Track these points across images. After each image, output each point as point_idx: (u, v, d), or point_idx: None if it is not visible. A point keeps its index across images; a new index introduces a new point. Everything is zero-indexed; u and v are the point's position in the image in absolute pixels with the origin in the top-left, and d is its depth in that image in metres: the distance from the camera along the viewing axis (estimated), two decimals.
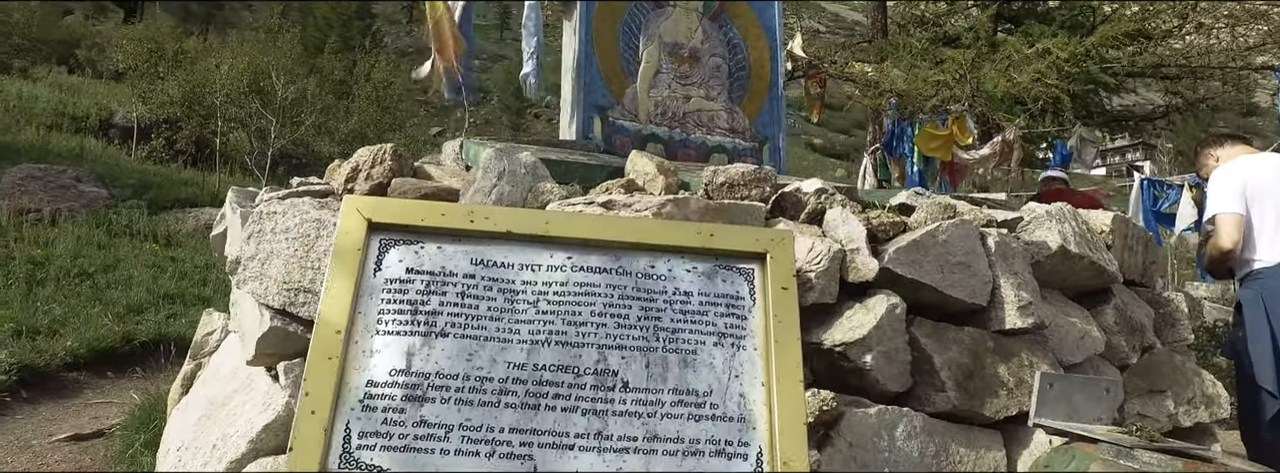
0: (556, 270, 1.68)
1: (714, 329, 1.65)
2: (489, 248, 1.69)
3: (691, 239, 1.72)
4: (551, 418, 1.54)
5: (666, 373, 1.60)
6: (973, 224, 2.91)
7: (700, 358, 1.62)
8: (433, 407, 1.53)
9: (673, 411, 1.57)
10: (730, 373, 1.61)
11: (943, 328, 2.84)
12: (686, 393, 1.58)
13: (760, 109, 4.98)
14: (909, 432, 2.58)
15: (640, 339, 1.63)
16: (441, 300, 1.63)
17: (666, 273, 1.70)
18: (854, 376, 2.60)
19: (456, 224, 1.69)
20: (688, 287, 1.69)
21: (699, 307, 1.67)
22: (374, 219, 1.67)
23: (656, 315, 1.65)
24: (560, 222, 1.71)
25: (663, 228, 1.73)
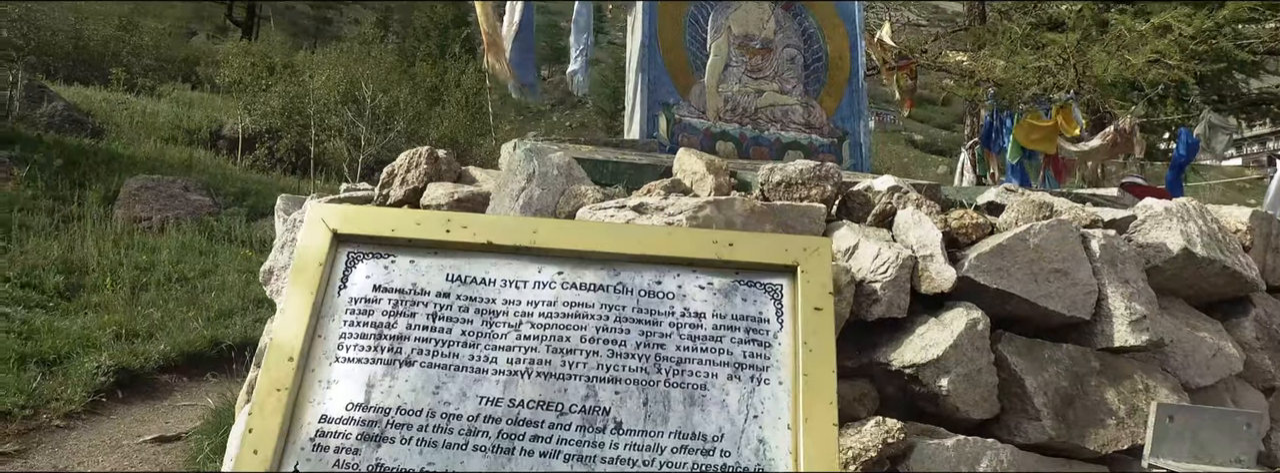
0: (544, 288, 1.42)
1: (729, 359, 1.35)
2: (469, 262, 1.45)
3: (706, 250, 1.42)
4: (528, 464, 1.28)
5: (668, 412, 1.31)
6: (1072, 225, 2.49)
7: (711, 394, 1.32)
8: (391, 447, 1.29)
9: (674, 458, 1.28)
10: (747, 413, 1.31)
11: (1037, 346, 2.44)
12: (692, 437, 1.29)
13: (839, 102, 4.59)
14: (995, 467, 2.20)
15: (638, 370, 1.34)
16: (409, 323, 1.39)
17: (675, 291, 1.42)
18: (928, 401, 2.23)
19: (431, 235, 1.45)
20: (700, 307, 1.40)
21: (712, 331, 1.38)
22: (341, 230, 1.46)
23: (660, 342, 1.37)
24: (550, 231, 1.45)
25: (670, 237, 1.44)
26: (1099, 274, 2.60)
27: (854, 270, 2.33)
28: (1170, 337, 2.66)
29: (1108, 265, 2.61)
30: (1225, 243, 3.10)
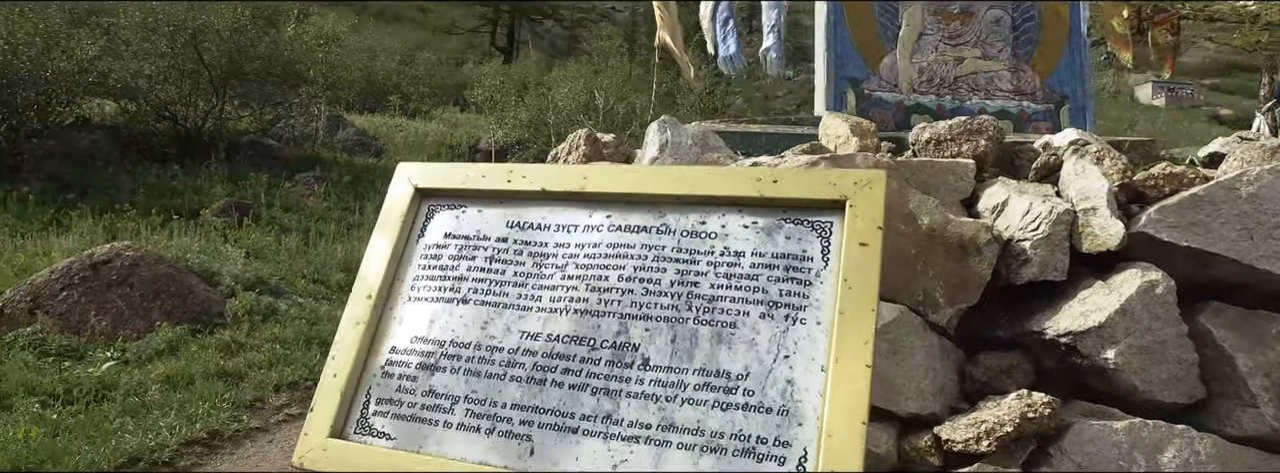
0: (593, 231, 1.46)
1: (763, 297, 1.30)
2: (527, 209, 1.53)
3: (749, 187, 1.38)
4: (557, 396, 1.32)
5: (695, 349, 1.29)
6: None
7: (739, 333, 1.28)
8: (442, 376, 1.40)
9: (696, 395, 1.25)
10: (777, 352, 1.25)
11: (1257, 318, 2.05)
12: (715, 375, 1.26)
13: (1055, 64, 4.11)
14: (1187, 459, 1.88)
15: (670, 308, 1.33)
16: (469, 266, 1.50)
17: (718, 230, 1.39)
18: (1096, 377, 1.97)
19: (495, 185, 1.55)
20: (740, 246, 1.36)
21: (749, 270, 1.33)
22: (421, 186, 1.61)
23: (694, 280, 1.35)
24: (598, 177, 1.48)
25: (712, 177, 1.41)
26: None
27: (1000, 228, 2.09)
28: None
29: None
30: None
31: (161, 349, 5.87)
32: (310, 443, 1.41)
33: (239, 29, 9.21)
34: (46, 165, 8.28)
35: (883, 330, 1.95)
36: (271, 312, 6.22)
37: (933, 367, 1.99)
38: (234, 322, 5.88)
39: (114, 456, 4.40)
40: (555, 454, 1.28)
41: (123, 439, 4.57)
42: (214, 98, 9.45)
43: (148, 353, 5.89)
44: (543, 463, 1.28)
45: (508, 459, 1.30)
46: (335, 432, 1.41)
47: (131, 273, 6.41)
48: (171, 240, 7.14)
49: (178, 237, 7.25)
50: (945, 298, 2.02)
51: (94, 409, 4.98)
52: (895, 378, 1.96)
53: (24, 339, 5.60)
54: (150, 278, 6.29)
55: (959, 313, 2.06)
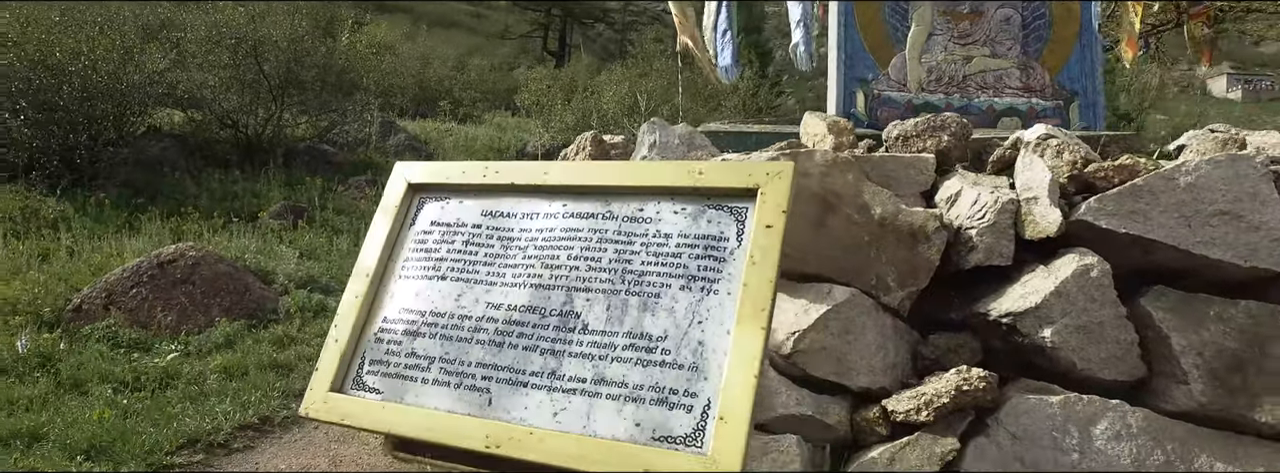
0: (551, 218, 1.73)
1: (684, 272, 1.55)
2: (499, 200, 1.81)
3: (682, 178, 1.63)
4: (512, 355, 1.59)
5: (624, 316, 1.54)
6: (1253, 160, 2.21)
7: (662, 302, 1.53)
8: (422, 341, 1.69)
9: (623, 354, 1.51)
10: (692, 318, 1.50)
11: (1197, 301, 2.22)
12: (640, 337, 1.51)
13: (1065, 60, 4.23)
14: (1119, 432, 2.07)
15: (607, 282, 1.59)
16: (449, 248, 1.78)
17: (653, 215, 1.64)
18: (1038, 355, 2.16)
19: (473, 180, 1.83)
20: (670, 228, 1.61)
21: (675, 249, 1.58)
22: (413, 181, 1.90)
23: (629, 258, 1.60)
24: (557, 172, 1.75)
25: (650, 169, 1.67)
26: None
27: (951, 217, 2.29)
28: None
29: None
30: None
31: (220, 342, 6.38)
32: (314, 397, 1.71)
33: (296, 40, 9.78)
34: (121, 172, 8.95)
35: (835, 311, 2.17)
36: (321, 308, 6.67)
37: (884, 345, 2.20)
38: (286, 317, 6.33)
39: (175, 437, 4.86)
40: (508, 404, 1.55)
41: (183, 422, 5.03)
42: (273, 105, 10.05)
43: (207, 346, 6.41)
44: (498, 411, 1.55)
45: (470, 408, 1.57)
46: (335, 387, 1.71)
47: (194, 272, 6.94)
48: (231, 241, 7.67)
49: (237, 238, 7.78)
50: (897, 282, 2.23)
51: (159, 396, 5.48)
52: (848, 355, 2.18)
53: (99, 332, 6.14)
54: (211, 276, 6.79)
55: (910, 296, 2.26)
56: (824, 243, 2.22)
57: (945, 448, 2.01)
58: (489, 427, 1.52)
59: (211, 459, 4.85)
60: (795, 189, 1.54)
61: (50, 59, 8.45)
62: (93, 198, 8.33)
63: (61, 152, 8.55)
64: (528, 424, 1.51)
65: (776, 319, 2.22)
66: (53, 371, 5.49)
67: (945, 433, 2.06)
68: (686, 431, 1.40)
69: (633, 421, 1.45)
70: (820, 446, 2.14)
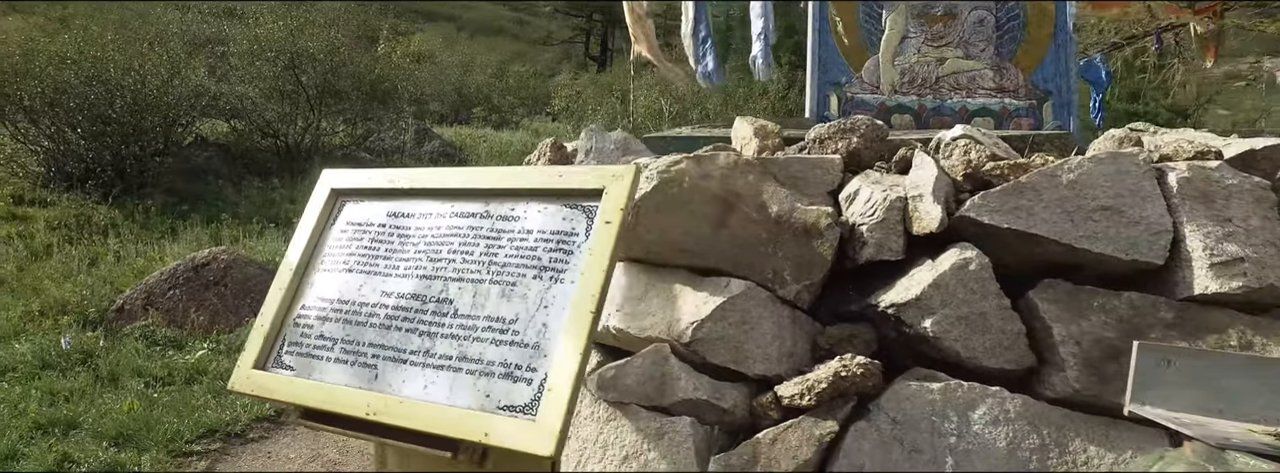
0: (441, 217, 1.98)
1: (539, 263, 1.78)
2: (401, 203, 2.07)
3: (548, 182, 1.87)
4: (397, 337, 1.85)
5: (487, 302, 1.79)
6: (1136, 158, 2.36)
7: (517, 289, 1.77)
8: (329, 325, 1.96)
9: (482, 335, 1.75)
10: (540, 304, 1.73)
11: (1084, 293, 2.38)
12: (496, 320, 1.75)
13: (1040, 60, 4.32)
14: (996, 417, 2.24)
15: (476, 272, 1.84)
16: (358, 245, 2.05)
17: (522, 214, 1.88)
18: (926, 345, 2.35)
19: (382, 185, 2.10)
20: (532, 225, 1.85)
21: (534, 243, 1.82)
22: (336, 186, 2.18)
23: (495, 252, 1.85)
24: (449, 177, 2.01)
25: (523, 174, 1.91)
26: (1176, 212, 2.36)
27: (848, 215, 2.47)
28: None
29: (1194, 202, 2.36)
30: None
31: None
32: (239, 374, 1.99)
33: (333, 51, 10.31)
34: (167, 180, 9.56)
35: (731, 303, 2.37)
36: None
37: (780, 335, 2.40)
38: None
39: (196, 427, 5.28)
40: (390, 378, 1.81)
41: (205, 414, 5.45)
42: (311, 115, 10.60)
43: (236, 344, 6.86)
44: (381, 385, 1.81)
45: (360, 382, 1.84)
46: (257, 365, 1.99)
47: (226, 274, 7.41)
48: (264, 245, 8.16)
49: (269, 242, 8.27)
50: (793, 276, 2.42)
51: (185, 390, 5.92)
52: (744, 344, 2.38)
53: (137, 331, 6.64)
54: (242, 279, 7.25)
55: (806, 288, 2.45)
56: (724, 240, 2.43)
57: (824, 430, 2.20)
58: (371, 397, 1.78)
59: (228, 448, 5.25)
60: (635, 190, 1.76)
61: (104, 75, 9.09)
62: (140, 205, 8.94)
63: (114, 162, 9.17)
64: (402, 395, 1.76)
65: (679, 310, 2.43)
66: (92, 366, 5.97)
67: (827, 417, 2.24)
68: (525, 400, 1.63)
69: (484, 392, 1.68)
70: (712, 427, 2.34)
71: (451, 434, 1.65)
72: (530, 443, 1.56)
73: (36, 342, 6.03)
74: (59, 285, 7.21)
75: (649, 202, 2.42)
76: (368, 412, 1.76)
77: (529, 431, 1.58)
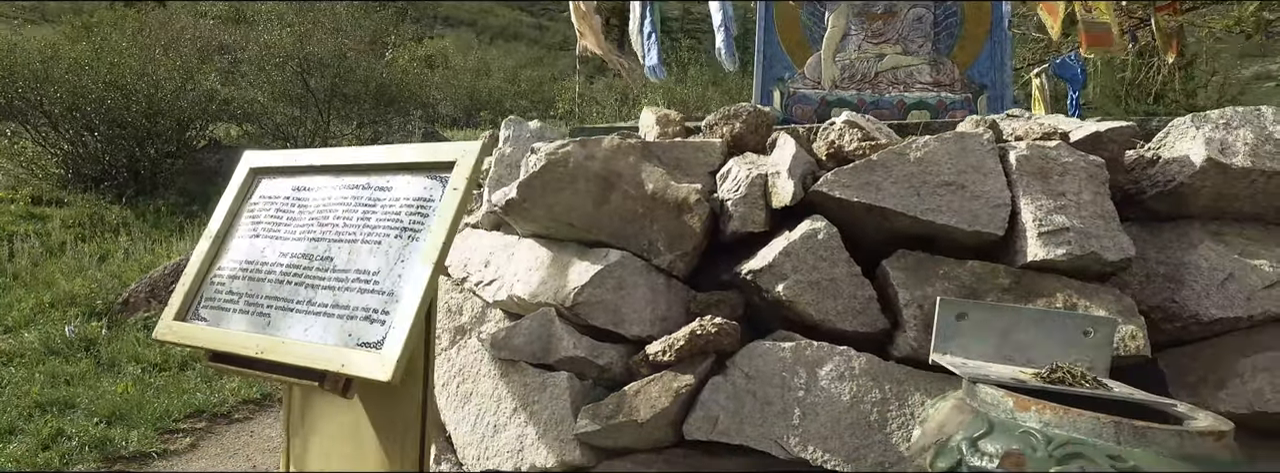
0: (331, 190, 2.34)
1: (401, 225, 2.13)
2: (305, 178, 2.43)
3: (420, 157, 2.22)
4: (288, 290, 2.21)
5: (358, 258, 2.14)
6: (980, 137, 2.66)
7: (382, 246, 2.12)
8: (237, 282, 2.33)
9: (352, 285, 2.10)
10: (398, 258, 2.07)
11: (932, 262, 2.67)
12: (363, 272, 2.10)
13: (976, 56, 4.59)
14: (842, 373, 2.54)
15: (352, 234, 2.19)
16: (265, 214, 2.42)
17: (395, 185, 2.23)
18: (785, 309, 2.66)
19: (288, 163, 2.47)
20: (401, 194, 2.20)
21: (399, 208, 2.16)
22: (253, 165, 2.55)
23: (369, 217, 2.20)
24: (339, 155, 2.37)
25: (397, 152, 2.27)
26: (1015, 187, 2.64)
27: (721, 192, 2.78)
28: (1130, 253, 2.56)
29: (1031, 178, 2.64)
30: None
31: None
32: (162, 325, 2.37)
33: (340, 56, 10.83)
34: (179, 181, 10.12)
35: (608, 270, 2.70)
36: None
37: (655, 300, 2.71)
38: None
39: (185, 407, 5.72)
40: (281, 326, 2.16)
41: (195, 396, 5.89)
42: (320, 118, 11.12)
43: None
44: (272, 330, 2.16)
45: (256, 328, 2.19)
46: (178, 317, 2.36)
47: None
48: None
49: None
50: (666, 246, 2.74)
51: (178, 375, 6.37)
52: (621, 308, 2.70)
53: (139, 321, 7.12)
54: None
55: (679, 258, 2.76)
56: (605, 215, 2.75)
57: (682, 383, 2.51)
58: (262, 340, 2.14)
59: (214, 427, 5.68)
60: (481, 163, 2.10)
61: (121, 80, 9.67)
62: (152, 205, 9.50)
63: (129, 164, 9.74)
64: (286, 338, 2.11)
65: (563, 278, 2.76)
66: (94, 353, 6.45)
67: (686, 371, 2.55)
68: (377, 338, 1.98)
69: (348, 332, 2.03)
70: (590, 382, 2.66)
71: (318, 367, 2.00)
72: (374, 371, 1.91)
73: (44, 331, 6.53)
74: (69, 280, 7.73)
75: (537, 181, 2.76)
76: (257, 351, 2.12)
77: (374, 361, 1.92)
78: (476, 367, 2.86)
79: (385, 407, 2.19)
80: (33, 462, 4.48)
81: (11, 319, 6.89)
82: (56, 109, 9.47)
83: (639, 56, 5.43)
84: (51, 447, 4.65)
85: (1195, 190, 2.75)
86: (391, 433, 2.20)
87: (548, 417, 2.64)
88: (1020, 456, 1.70)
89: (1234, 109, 2.82)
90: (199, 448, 5.17)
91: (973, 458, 1.76)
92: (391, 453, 2.19)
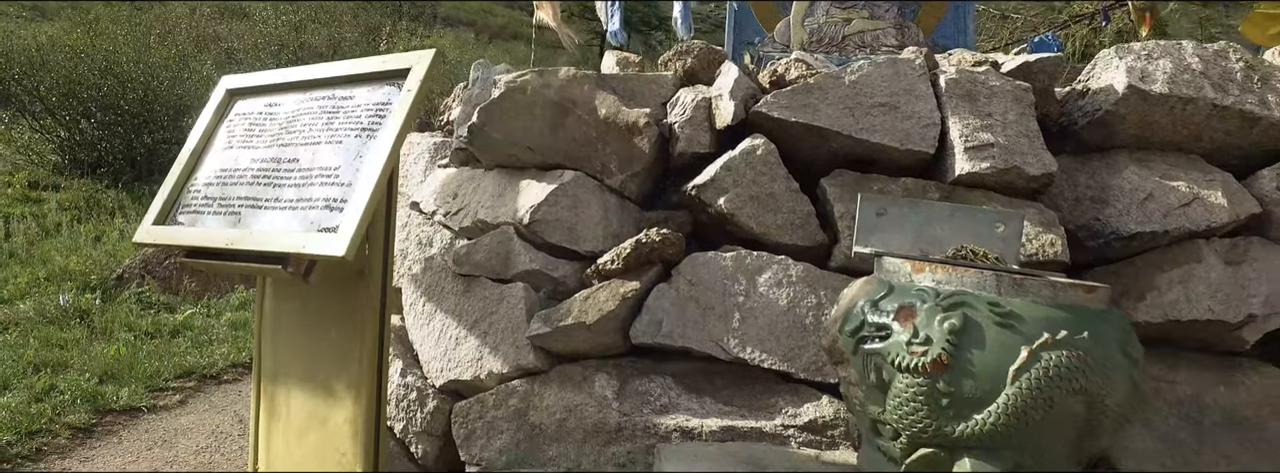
0: (300, 103, 2.57)
1: (361, 126, 2.35)
2: (277, 96, 2.66)
3: (375, 67, 2.45)
4: (258, 190, 2.43)
5: (320, 157, 2.36)
6: (912, 63, 2.87)
7: (343, 146, 2.34)
8: (212, 188, 2.55)
9: (315, 180, 2.32)
10: (357, 154, 2.29)
11: (867, 180, 2.89)
12: (325, 168, 2.32)
13: (940, 19, 4.83)
14: (780, 280, 2.74)
15: (316, 137, 2.41)
16: (241, 129, 2.65)
17: (355, 95, 2.46)
18: (730, 224, 2.86)
19: (262, 83, 2.70)
20: (361, 100, 2.42)
21: (360, 112, 2.39)
22: (230, 87, 2.78)
23: (331, 121, 2.42)
24: (306, 71, 2.60)
25: (359, 64, 2.49)
26: (944, 108, 2.85)
27: (670, 118, 2.99)
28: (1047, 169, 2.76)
29: (960, 100, 2.85)
30: (1245, 84, 2.97)
31: (235, 305, 7.50)
32: (142, 230, 2.59)
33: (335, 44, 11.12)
34: None
35: (562, 189, 2.92)
36: None
37: (607, 218, 2.92)
38: None
39: (175, 369, 5.94)
40: (249, 221, 2.38)
41: (185, 359, 6.11)
42: None
43: (223, 307, 7.53)
44: (243, 226, 2.38)
45: (228, 226, 2.41)
46: (157, 222, 2.58)
47: None
48: None
49: None
50: (618, 167, 2.95)
51: (170, 341, 6.60)
52: (576, 226, 2.91)
53: (133, 295, 7.35)
54: None
55: (630, 178, 2.97)
56: (561, 139, 2.97)
57: (628, 289, 2.71)
58: (233, 234, 2.36)
59: (203, 386, 5.91)
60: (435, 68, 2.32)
61: (116, 68, 9.94)
62: (148, 190, 9.75)
63: (124, 150, 9.99)
64: (255, 230, 2.33)
65: (520, 199, 2.98)
66: (88, 322, 6.68)
67: (633, 279, 2.75)
68: (335, 224, 2.19)
69: (310, 221, 2.25)
70: (545, 293, 2.87)
71: (281, 250, 2.22)
72: (331, 249, 2.12)
73: (39, 302, 6.75)
74: (65, 257, 7.96)
75: (497, 106, 2.98)
76: (228, 243, 2.34)
77: (331, 241, 2.14)
78: (441, 285, 3.07)
79: (345, 298, 2.41)
80: (26, 412, 4.68)
81: (7, 292, 7.12)
82: (52, 96, 9.74)
83: (603, 22, 5.69)
84: (44, 400, 4.87)
85: (1120, 117, 2.95)
86: (351, 324, 2.41)
87: (505, 326, 2.85)
88: (911, 308, 1.90)
89: (1156, 42, 3.03)
90: (188, 404, 5.38)
91: (872, 316, 1.96)
92: (350, 346, 2.40)
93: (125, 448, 4.43)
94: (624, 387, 2.70)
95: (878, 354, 1.91)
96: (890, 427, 1.93)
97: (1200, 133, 2.97)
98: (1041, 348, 1.77)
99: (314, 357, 2.49)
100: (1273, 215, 2.92)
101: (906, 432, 1.89)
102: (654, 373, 2.74)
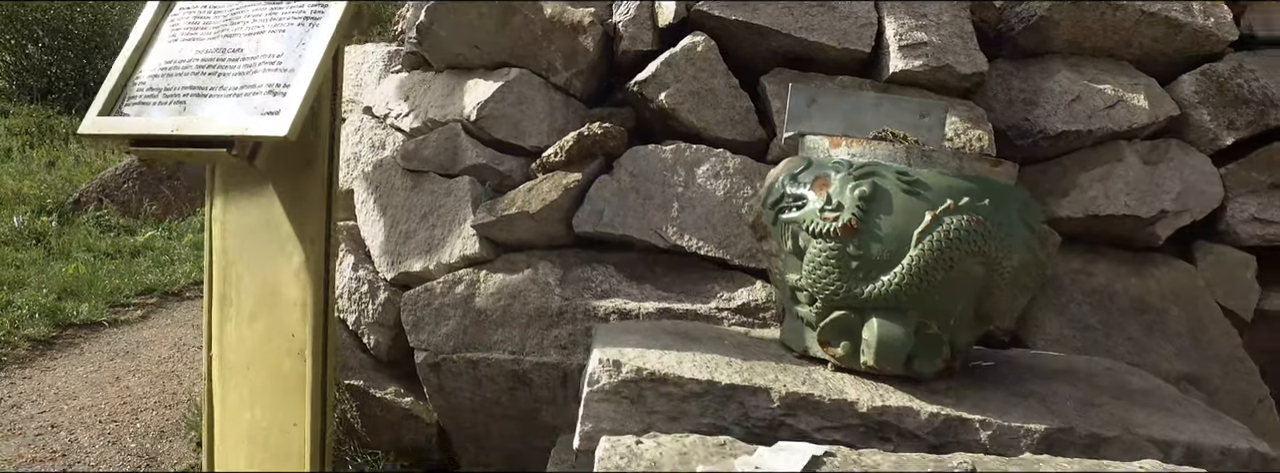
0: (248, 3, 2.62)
1: (303, 16, 2.41)
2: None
3: None
4: (203, 80, 2.50)
5: (263, 45, 2.42)
6: None
7: (287, 34, 2.40)
8: (158, 80, 2.61)
9: (258, 68, 2.39)
10: (300, 41, 2.37)
11: (805, 78, 2.99)
12: (269, 55, 2.39)
13: None
14: (717, 172, 2.86)
15: (260, 27, 2.47)
16: (185, 22, 2.69)
17: None
18: (670, 119, 2.95)
19: None
20: None
21: (304, 4, 2.44)
22: None
23: (277, 13, 2.48)
24: None
25: None
26: (881, 9, 2.95)
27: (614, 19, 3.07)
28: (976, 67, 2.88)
29: (896, 1, 2.94)
30: None
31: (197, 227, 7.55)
32: (87, 122, 2.65)
33: None
34: None
35: (508, 86, 3.00)
36: None
37: (552, 114, 3.02)
38: None
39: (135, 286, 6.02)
40: (196, 110, 2.46)
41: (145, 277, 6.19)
42: None
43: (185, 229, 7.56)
44: (188, 114, 2.46)
45: (173, 114, 2.49)
46: (103, 113, 2.64)
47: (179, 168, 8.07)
48: None
49: None
50: (563, 65, 3.04)
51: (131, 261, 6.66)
52: (522, 122, 3.01)
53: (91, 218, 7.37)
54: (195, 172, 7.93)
55: (575, 76, 3.06)
56: (509, 38, 3.04)
57: (570, 179, 2.83)
58: (178, 121, 2.43)
59: (164, 303, 6.01)
60: None
61: None
62: None
63: (76, 75, 9.83)
64: (200, 117, 2.41)
65: (469, 96, 3.07)
66: (46, 244, 6.70)
67: (575, 171, 2.87)
68: (277, 108, 2.28)
69: (254, 105, 2.33)
70: (486, 183, 2.99)
71: (226, 134, 2.30)
72: (273, 129, 2.21)
73: None
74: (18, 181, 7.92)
75: (444, 5, 3.05)
76: (174, 130, 2.42)
77: (274, 123, 2.23)
78: (391, 182, 3.17)
79: (293, 186, 2.51)
80: None
81: None
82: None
83: None
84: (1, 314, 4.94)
85: (1054, 23, 3.07)
86: (300, 210, 2.51)
87: (452, 219, 2.97)
88: (826, 177, 2.04)
89: None
90: (149, 319, 5.49)
91: (790, 187, 2.10)
92: (300, 231, 2.51)
93: (87, 358, 4.55)
94: (567, 274, 2.84)
95: (795, 222, 2.05)
96: (806, 292, 2.09)
97: (1130, 39, 3.10)
98: (945, 213, 1.92)
99: (263, 243, 2.60)
100: (1190, 118, 3.08)
101: (820, 296, 2.05)
102: (596, 262, 2.89)
